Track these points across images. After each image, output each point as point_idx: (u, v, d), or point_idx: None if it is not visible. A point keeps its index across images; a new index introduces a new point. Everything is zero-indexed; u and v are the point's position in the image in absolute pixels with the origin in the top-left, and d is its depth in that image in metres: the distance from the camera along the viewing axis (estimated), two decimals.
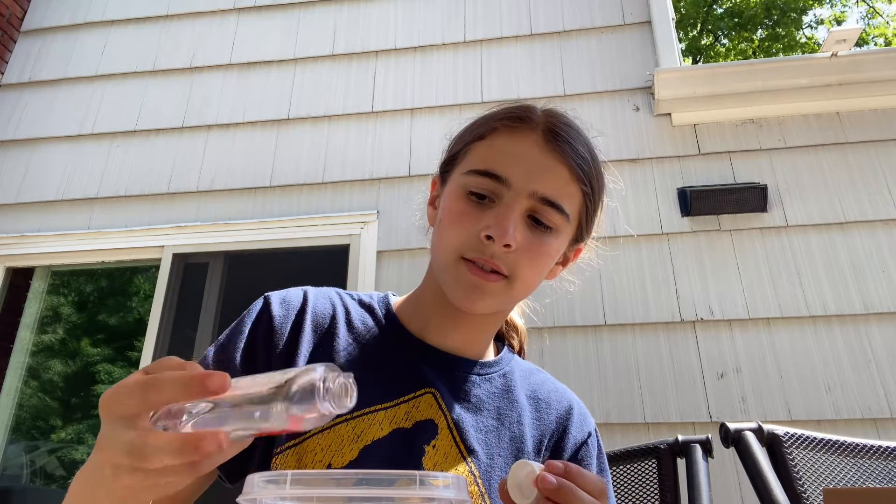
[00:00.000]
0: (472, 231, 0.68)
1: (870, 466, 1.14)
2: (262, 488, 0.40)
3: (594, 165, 0.76)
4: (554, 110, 0.77)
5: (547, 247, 0.71)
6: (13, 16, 3.77)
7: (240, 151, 3.23)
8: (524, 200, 0.69)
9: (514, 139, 0.72)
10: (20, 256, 3.22)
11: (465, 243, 0.69)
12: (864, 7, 12.69)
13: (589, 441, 0.80)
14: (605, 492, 0.52)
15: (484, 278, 0.68)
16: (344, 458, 0.66)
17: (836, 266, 2.55)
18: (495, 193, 0.69)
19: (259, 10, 3.61)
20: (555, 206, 0.70)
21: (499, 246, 0.67)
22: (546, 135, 0.72)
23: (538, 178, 0.70)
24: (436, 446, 0.69)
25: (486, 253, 0.68)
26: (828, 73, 2.79)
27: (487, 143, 0.73)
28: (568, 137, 0.73)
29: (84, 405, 3.64)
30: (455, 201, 0.71)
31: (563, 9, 3.27)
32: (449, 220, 0.71)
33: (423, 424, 0.70)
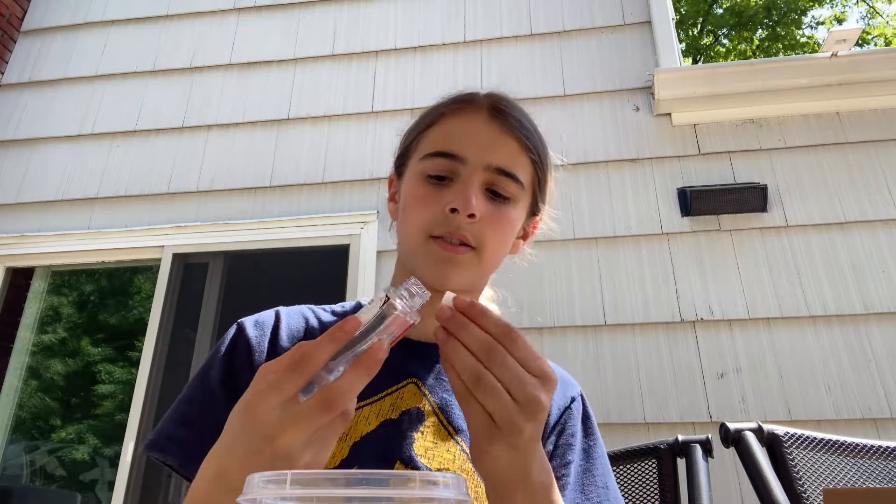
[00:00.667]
0: (437, 208, 0.71)
1: (870, 466, 1.14)
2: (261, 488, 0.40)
3: (539, 137, 0.80)
4: (495, 92, 0.81)
5: (507, 216, 0.74)
6: (13, 16, 3.77)
7: (240, 151, 3.23)
8: (481, 173, 0.73)
9: (463, 119, 0.76)
10: (20, 256, 3.22)
11: (431, 221, 0.72)
12: (864, 7, 12.69)
13: (573, 406, 0.80)
14: (508, 333, 0.51)
15: (453, 251, 0.71)
16: (335, 458, 0.67)
17: (836, 266, 2.55)
18: (453, 172, 0.73)
19: (259, 10, 3.61)
20: (510, 176, 0.74)
21: (463, 217, 0.70)
22: (491, 111, 0.76)
23: (490, 151, 0.74)
24: (424, 432, 0.70)
25: (452, 226, 0.70)
26: (828, 73, 2.79)
27: (438, 128, 0.77)
28: (511, 112, 0.78)
29: (84, 405, 3.64)
30: (416, 186, 0.75)
31: (563, 9, 3.27)
32: (413, 204, 0.74)
33: (410, 413, 0.71)
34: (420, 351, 0.77)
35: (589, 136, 2.95)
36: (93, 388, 3.55)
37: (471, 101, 0.78)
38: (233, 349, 0.75)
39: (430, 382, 0.75)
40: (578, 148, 2.93)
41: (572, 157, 2.92)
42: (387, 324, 0.50)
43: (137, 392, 2.80)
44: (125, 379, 3.37)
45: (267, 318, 0.79)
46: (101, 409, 3.54)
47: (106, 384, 3.53)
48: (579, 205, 2.82)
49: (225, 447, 0.49)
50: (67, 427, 3.51)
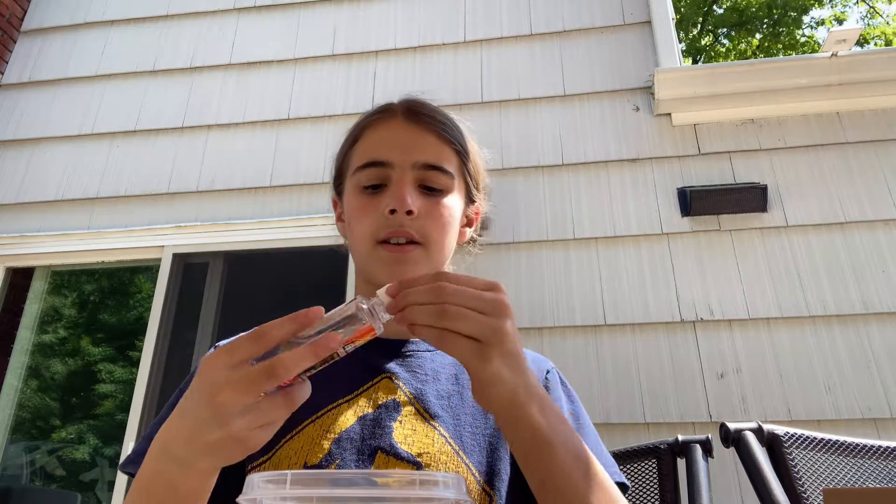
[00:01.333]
0: (377, 214, 0.75)
1: (870, 466, 1.14)
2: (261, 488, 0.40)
3: (456, 126, 0.85)
4: (408, 96, 0.86)
5: (445, 207, 0.78)
6: (13, 16, 3.77)
7: (240, 151, 3.23)
8: (410, 173, 0.77)
9: (383, 127, 0.81)
10: (20, 256, 3.22)
11: (374, 226, 0.76)
12: (865, 7, 12.69)
13: (549, 377, 0.83)
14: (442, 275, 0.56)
15: (401, 251, 0.75)
16: (317, 455, 0.69)
17: (836, 266, 2.55)
18: (384, 178, 0.77)
19: (259, 10, 3.61)
20: (437, 169, 0.78)
21: (402, 214, 0.74)
22: (406, 114, 0.81)
23: (414, 150, 0.78)
24: (402, 421, 0.73)
25: (394, 225, 0.74)
26: (828, 73, 2.79)
27: (362, 142, 0.82)
28: (424, 111, 0.82)
29: (84, 405, 3.64)
30: (355, 199, 0.79)
31: (563, 9, 3.27)
32: (355, 216, 0.79)
33: (386, 404, 0.74)
34: (391, 348, 0.81)
35: (589, 136, 2.95)
36: (93, 387, 3.55)
37: (386, 109, 0.83)
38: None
39: (404, 375, 0.78)
40: (578, 148, 2.93)
41: (572, 157, 2.92)
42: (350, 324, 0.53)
43: (137, 392, 2.80)
44: (125, 379, 3.37)
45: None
46: (101, 409, 3.54)
47: (106, 384, 3.53)
48: (579, 205, 2.82)
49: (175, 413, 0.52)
50: (67, 427, 3.51)
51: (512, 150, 2.98)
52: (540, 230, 2.79)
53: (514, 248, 2.79)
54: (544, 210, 2.83)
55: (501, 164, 2.95)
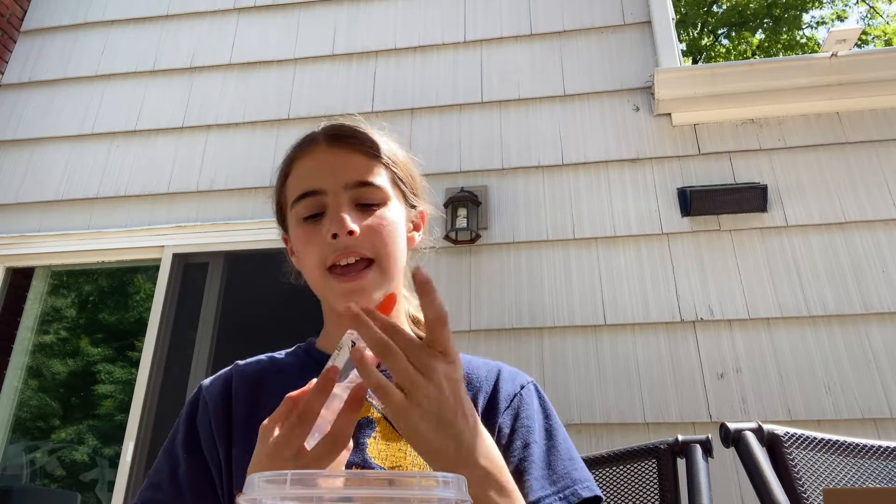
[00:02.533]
0: (321, 242, 0.77)
1: (870, 466, 1.14)
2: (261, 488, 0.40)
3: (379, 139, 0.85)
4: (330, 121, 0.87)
5: (385, 219, 0.80)
6: (13, 16, 3.77)
7: (240, 151, 3.23)
8: (343, 195, 0.78)
9: (308, 157, 0.83)
10: (20, 256, 3.22)
11: (320, 254, 0.77)
12: (865, 7, 12.69)
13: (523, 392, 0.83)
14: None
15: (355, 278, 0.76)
16: None
17: (836, 266, 2.55)
18: (321, 205, 0.79)
19: (259, 10, 3.61)
20: (369, 185, 0.80)
21: (343, 236, 0.75)
22: (328, 140, 0.83)
23: (341, 173, 0.80)
24: (376, 437, 0.75)
25: (339, 249, 0.76)
26: (828, 73, 2.79)
27: (293, 175, 0.84)
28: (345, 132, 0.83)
29: (84, 405, 3.64)
30: (298, 232, 0.81)
31: (563, 9, 3.27)
32: (302, 248, 0.80)
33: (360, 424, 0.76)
34: None
35: (589, 136, 2.95)
36: (93, 388, 3.55)
37: (309, 140, 0.84)
38: (194, 409, 0.82)
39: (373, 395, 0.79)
40: (578, 148, 2.93)
41: (572, 157, 2.93)
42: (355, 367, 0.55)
43: (137, 392, 2.80)
44: (125, 379, 3.37)
45: (224, 373, 0.86)
46: (101, 410, 3.54)
47: (106, 384, 3.53)
48: (579, 205, 2.82)
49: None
50: (67, 427, 3.51)
51: (512, 150, 2.98)
52: (540, 230, 2.79)
53: (514, 248, 2.79)
54: (544, 210, 2.83)
55: (501, 164, 2.95)
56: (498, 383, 0.83)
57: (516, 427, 0.78)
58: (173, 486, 0.75)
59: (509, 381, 0.84)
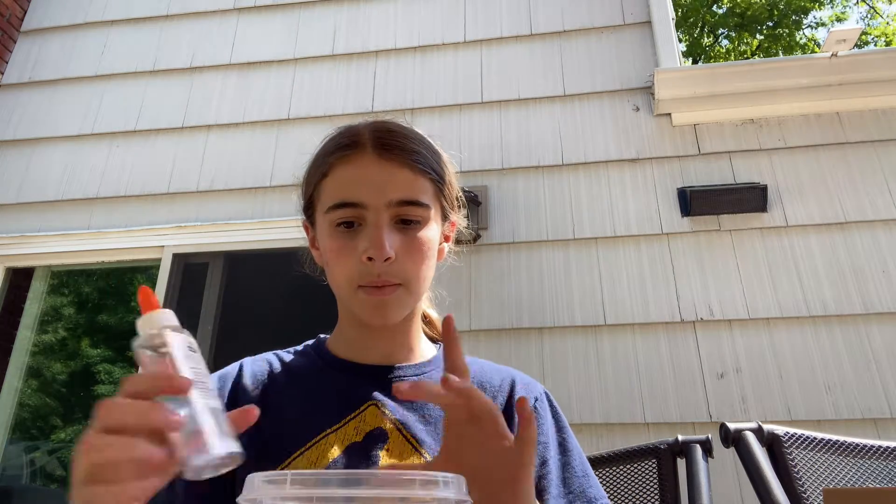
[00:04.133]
0: (355, 259, 0.74)
1: (870, 466, 1.14)
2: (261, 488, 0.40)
3: (430, 152, 0.82)
4: (377, 122, 0.82)
5: (422, 239, 0.77)
6: (13, 16, 3.77)
7: (240, 151, 3.23)
8: (385, 212, 0.75)
9: (352, 165, 0.78)
10: (20, 256, 3.22)
11: (353, 272, 0.75)
12: (865, 7, 12.69)
13: (537, 405, 0.83)
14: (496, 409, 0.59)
15: (382, 294, 0.75)
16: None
17: (836, 266, 2.55)
18: (359, 217, 0.76)
19: (259, 10, 3.61)
20: (414, 203, 0.77)
21: (380, 262, 0.73)
22: (376, 150, 0.78)
23: (387, 189, 0.76)
24: (389, 449, 0.74)
25: (373, 273, 0.74)
26: (828, 73, 2.79)
27: (332, 179, 0.79)
28: (395, 142, 0.79)
29: (84, 405, 3.64)
30: (331, 239, 0.78)
31: (563, 9, 3.27)
32: (333, 258, 0.77)
33: (373, 434, 0.75)
34: (375, 374, 0.81)
35: (589, 136, 2.95)
36: (93, 388, 3.55)
37: (354, 143, 0.79)
38: None
39: (390, 403, 0.78)
40: (578, 148, 2.93)
41: (572, 157, 2.92)
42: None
43: None
44: None
45: (231, 370, 0.84)
46: None
47: (106, 384, 3.53)
48: (579, 205, 2.82)
49: None
50: (67, 427, 3.51)
51: (512, 150, 2.98)
52: (540, 230, 2.79)
53: (514, 248, 2.79)
54: (544, 210, 2.83)
55: (501, 164, 2.95)
56: (513, 394, 0.82)
57: None
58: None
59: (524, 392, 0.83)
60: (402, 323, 0.81)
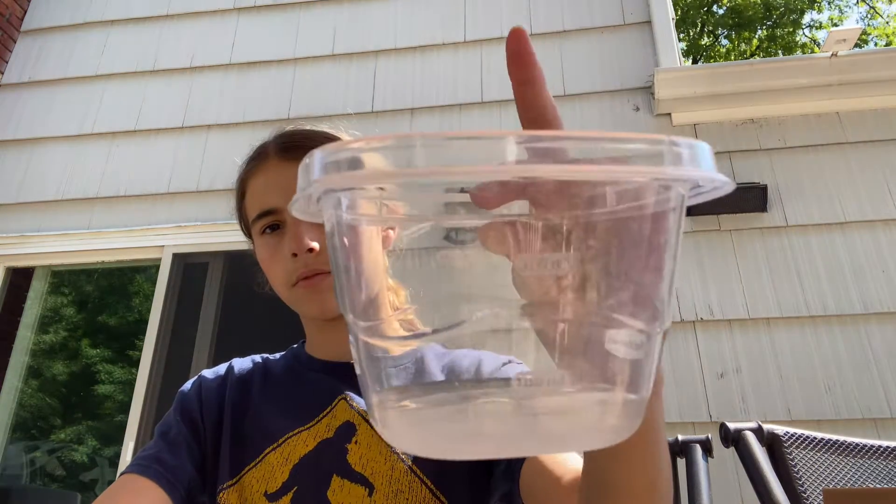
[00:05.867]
0: (283, 260, 0.76)
1: (870, 466, 1.14)
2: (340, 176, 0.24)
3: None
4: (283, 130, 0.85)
5: None
6: (13, 16, 3.77)
7: (240, 151, 3.21)
8: None
9: (260, 174, 0.82)
10: (20, 256, 3.22)
11: (284, 273, 0.77)
12: (865, 7, 12.70)
13: None
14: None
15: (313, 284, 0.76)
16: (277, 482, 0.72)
17: (836, 266, 2.55)
18: (280, 220, 0.78)
19: (259, 10, 3.61)
20: None
21: (303, 255, 0.74)
22: (278, 153, 0.81)
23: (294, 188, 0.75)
24: (357, 441, 0.74)
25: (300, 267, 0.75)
26: (828, 73, 2.79)
27: (248, 195, 0.84)
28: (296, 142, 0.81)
29: (84, 405, 3.64)
30: (261, 249, 0.80)
31: (563, 8, 3.27)
32: (266, 266, 0.80)
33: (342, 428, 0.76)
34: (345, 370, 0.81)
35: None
36: (93, 388, 3.55)
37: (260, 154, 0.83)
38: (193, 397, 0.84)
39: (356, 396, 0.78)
40: None
41: None
42: None
43: (137, 392, 2.79)
44: (125, 379, 3.37)
45: (221, 368, 0.88)
46: (101, 410, 3.54)
47: (106, 384, 3.54)
48: None
49: None
50: (67, 427, 3.51)
51: None
52: None
53: None
54: None
55: None
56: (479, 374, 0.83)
57: None
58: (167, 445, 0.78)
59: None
60: None
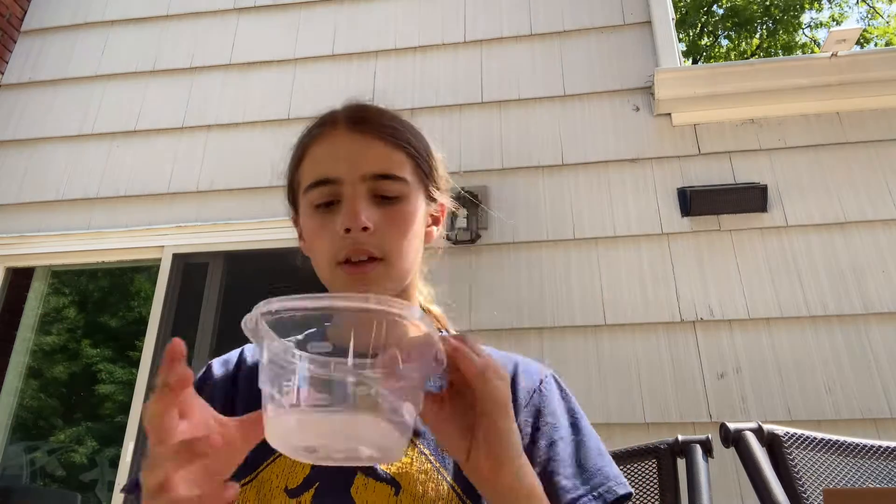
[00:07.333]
0: (333, 235, 0.73)
1: (870, 466, 1.14)
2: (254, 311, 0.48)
3: (405, 128, 0.81)
4: (351, 101, 0.83)
5: (402, 213, 0.75)
6: (13, 16, 3.77)
7: (240, 151, 3.23)
8: (360, 186, 0.74)
9: (325, 142, 0.79)
10: (20, 256, 3.22)
11: (331, 248, 0.73)
12: (865, 7, 12.70)
13: (542, 387, 0.80)
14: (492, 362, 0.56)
15: (361, 270, 0.73)
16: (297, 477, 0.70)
17: (836, 266, 2.55)
18: (336, 195, 0.74)
19: (259, 10, 3.61)
20: (389, 177, 0.75)
21: (357, 232, 0.71)
22: (349, 124, 0.78)
23: (361, 162, 0.75)
24: None
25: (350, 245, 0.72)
26: (828, 73, 2.79)
27: (308, 159, 0.80)
28: (369, 116, 0.79)
29: (84, 405, 3.64)
30: (309, 220, 0.77)
31: (564, 9, 3.27)
32: (312, 238, 0.77)
33: None
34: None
35: (589, 136, 2.95)
36: (93, 388, 3.55)
37: (327, 122, 0.80)
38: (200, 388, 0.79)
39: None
40: (578, 148, 2.93)
41: (572, 157, 2.92)
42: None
43: (137, 392, 2.80)
44: (125, 379, 3.37)
45: (232, 356, 0.84)
46: (102, 410, 3.54)
47: (106, 384, 3.54)
48: (579, 205, 2.82)
49: None
50: (68, 427, 3.51)
51: (512, 150, 2.98)
52: (540, 230, 2.79)
53: (514, 248, 2.79)
54: (544, 210, 2.83)
55: (501, 164, 2.95)
56: (516, 378, 0.79)
57: (539, 425, 0.75)
58: None
59: (527, 375, 0.80)
60: None
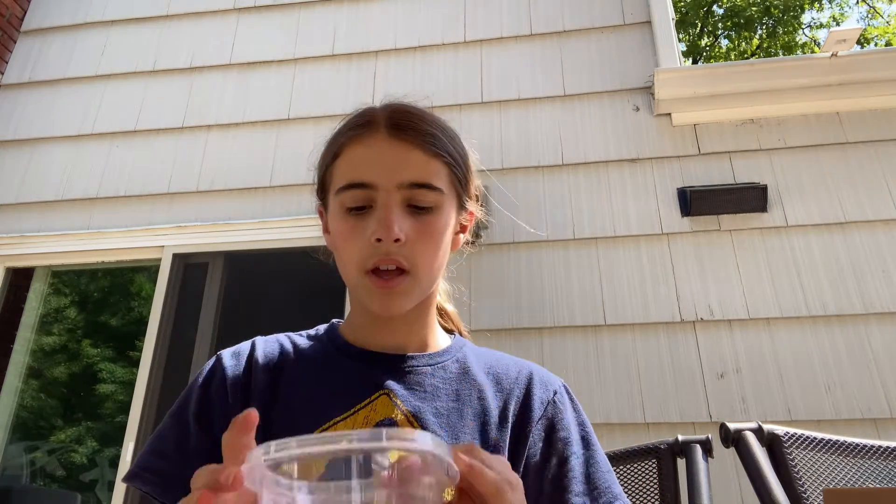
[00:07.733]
0: (363, 241, 0.72)
1: (870, 466, 1.14)
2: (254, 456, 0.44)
3: (445, 135, 0.80)
4: (392, 102, 0.82)
5: (434, 225, 0.75)
6: (13, 16, 3.77)
7: (240, 151, 3.23)
8: (396, 194, 0.73)
9: (364, 144, 0.76)
10: (20, 256, 3.22)
11: (361, 255, 0.73)
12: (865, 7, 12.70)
13: (556, 398, 0.80)
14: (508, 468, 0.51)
15: (389, 284, 0.72)
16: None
17: (836, 266, 2.55)
18: (369, 199, 0.73)
19: (259, 10, 3.61)
20: (425, 187, 0.74)
21: (389, 243, 0.71)
22: (389, 129, 0.76)
23: (398, 170, 0.74)
24: None
25: (381, 254, 0.72)
26: (828, 73, 2.79)
27: (343, 159, 0.77)
28: (410, 122, 0.77)
29: (85, 405, 3.64)
30: (340, 222, 0.76)
31: (563, 9, 3.27)
32: (341, 241, 0.76)
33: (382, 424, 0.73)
34: (387, 362, 0.78)
35: (589, 136, 2.95)
36: (93, 388, 3.55)
37: (367, 122, 0.78)
38: (210, 380, 0.78)
39: (402, 392, 0.76)
40: (578, 148, 2.93)
41: (572, 157, 2.92)
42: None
43: (137, 392, 2.80)
44: (126, 379, 3.37)
45: (244, 349, 0.81)
46: (102, 410, 3.54)
47: (106, 384, 3.53)
48: (579, 205, 2.82)
49: None
50: (68, 427, 3.51)
51: (512, 150, 2.98)
52: (540, 230, 2.79)
53: (514, 248, 2.79)
54: (544, 210, 2.83)
55: (501, 164, 2.95)
56: (531, 388, 0.79)
57: (553, 439, 0.75)
58: (180, 456, 0.71)
59: (541, 385, 0.80)
60: (415, 313, 0.79)
